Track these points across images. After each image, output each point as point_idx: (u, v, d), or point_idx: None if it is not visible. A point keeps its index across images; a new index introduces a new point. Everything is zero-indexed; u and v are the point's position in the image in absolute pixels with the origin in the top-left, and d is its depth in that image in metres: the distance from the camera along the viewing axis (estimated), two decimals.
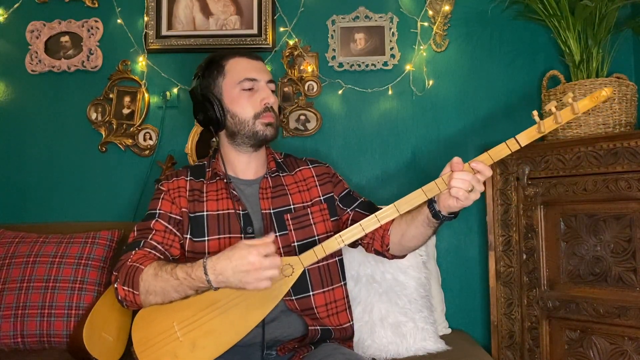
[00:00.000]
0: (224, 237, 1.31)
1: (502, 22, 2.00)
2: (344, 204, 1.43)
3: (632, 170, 1.48)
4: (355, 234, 1.19)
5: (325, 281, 1.35)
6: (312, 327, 1.28)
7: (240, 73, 1.34)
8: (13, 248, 1.70)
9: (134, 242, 1.29)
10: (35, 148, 2.05)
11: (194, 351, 1.15)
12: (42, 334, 1.58)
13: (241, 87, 1.34)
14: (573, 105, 1.07)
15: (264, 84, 1.36)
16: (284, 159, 1.48)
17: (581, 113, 1.09)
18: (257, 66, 1.37)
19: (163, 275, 1.16)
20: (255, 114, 1.33)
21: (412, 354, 1.54)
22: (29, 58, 2.04)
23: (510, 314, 1.73)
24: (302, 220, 1.36)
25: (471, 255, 1.97)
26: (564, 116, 1.09)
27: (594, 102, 1.08)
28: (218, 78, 1.36)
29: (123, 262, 1.24)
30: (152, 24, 2.04)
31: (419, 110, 2.02)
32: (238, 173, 1.40)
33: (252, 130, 1.34)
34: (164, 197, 1.35)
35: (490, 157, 1.14)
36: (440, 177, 1.15)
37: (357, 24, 2.03)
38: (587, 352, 1.56)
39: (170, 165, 1.89)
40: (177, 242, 1.32)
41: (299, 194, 1.40)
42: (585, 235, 1.58)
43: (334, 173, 1.49)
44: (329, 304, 1.34)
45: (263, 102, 1.34)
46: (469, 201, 1.12)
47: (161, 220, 1.32)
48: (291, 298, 1.29)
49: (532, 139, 1.11)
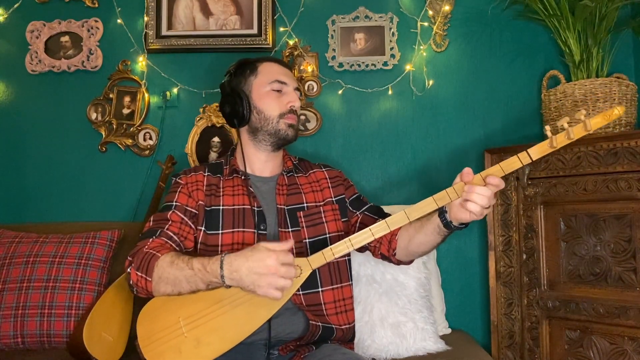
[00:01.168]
0: (238, 231, 1.33)
1: (502, 22, 2.00)
2: (354, 207, 1.46)
3: (632, 170, 1.48)
4: (364, 238, 1.19)
5: (334, 279, 1.37)
6: (314, 322, 1.29)
7: (273, 74, 1.42)
8: (13, 248, 1.70)
9: (150, 230, 1.31)
10: (35, 148, 2.05)
11: (198, 347, 1.15)
12: (42, 334, 1.58)
13: (272, 87, 1.41)
14: (585, 122, 1.10)
15: (292, 89, 1.43)
16: (298, 162, 1.52)
17: (593, 130, 1.11)
18: (287, 73, 1.46)
19: (179, 263, 1.17)
20: (280, 113, 1.40)
21: (412, 354, 1.54)
22: (29, 58, 2.04)
23: (510, 314, 1.73)
24: (314, 218, 1.40)
25: (471, 255, 1.97)
26: (576, 133, 1.11)
27: (606, 120, 1.11)
28: (250, 77, 1.43)
29: (139, 248, 1.25)
30: (152, 24, 2.04)
31: (419, 110, 2.02)
32: (255, 170, 1.44)
33: (275, 128, 1.40)
34: (181, 190, 1.38)
35: (502, 169, 1.14)
36: (452, 186, 1.15)
37: (357, 24, 2.03)
38: (587, 352, 1.56)
39: (170, 165, 1.89)
40: (191, 235, 1.35)
41: (312, 194, 1.44)
42: (585, 235, 1.58)
43: (345, 178, 1.54)
44: (337, 301, 1.36)
45: (289, 104, 1.41)
46: (482, 215, 1.13)
47: (178, 211, 1.34)
48: (298, 293, 1.30)
49: (543, 154, 1.13)
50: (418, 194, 1.99)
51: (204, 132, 1.99)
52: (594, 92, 1.66)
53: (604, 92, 1.65)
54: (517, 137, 1.97)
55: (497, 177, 1.13)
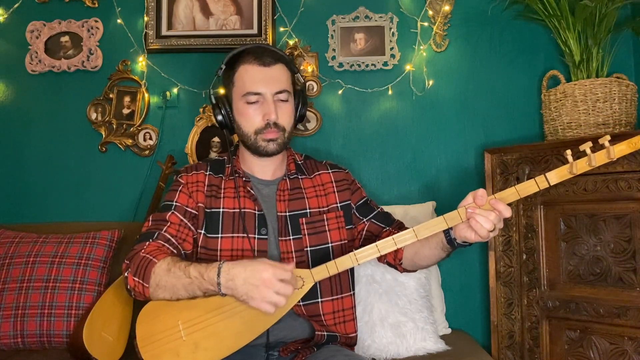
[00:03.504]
0: (237, 237, 1.30)
1: (502, 22, 2.00)
2: (361, 213, 1.42)
3: (632, 170, 1.48)
4: (370, 254, 1.16)
5: (335, 289, 1.34)
6: (319, 332, 1.28)
7: (246, 85, 1.30)
8: (13, 248, 1.70)
9: (148, 232, 1.28)
10: (35, 148, 2.05)
11: (196, 352, 1.15)
12: (42, 334, 1.58)
13: (246, 100, 1.30)
14: (609, 149, 1.03)
15: (270, 97, 1.30)
16: (304, 161, 1.45)
17: (616, 159, 1.03)
18: (266, 75, 1.31)
19: (176, 272, 1.15)
20: (256, 130, 1.31)
21: (412, 354, 1.54)
22: (29, 58, 2.04)
23: (510, 314, 1.73)
24: (317, 225, 1.35)
25: (471, 255, 1.97)
26: (598, 159, 1.04)
27: (631, 149, 1.02)
28: (229, 85, 1.35)
29: (136, 252, 1.23)
30: (152, 24, 2.04)
31: (419, 110, 2.02)
32: (256, 173, 1.39)
33: (253, 144, 1.32)
34: (182, 190, 1.34)
35: (517, 193, 1.09)
36: (464, 206, 1.11)
37: (357, 24, 2.03)
38: (587, 352, 1.56)
39: (170, 165, 1.89)
40: (190, 237, 1.32)
41: (316, 199, 1.38)
42: (585, 235, 1.58)
43: (352, 180, 1.47)
44: (336, 312, 1.33)
45: (265, 118, 1.30)
46: (488, 238, 1.10)
47: (177, 212, 1.31)
48: (299, 304, 1.29)
49: (562, 179, 1.06)
50: (418, 194, 1.99)
51: (204, 132, 1.99)
52: (594, 92, 1.66)
53: (604, 92, 1.65)
54: (517, 137, 1.97)
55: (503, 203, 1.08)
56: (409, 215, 1.78)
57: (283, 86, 1.32)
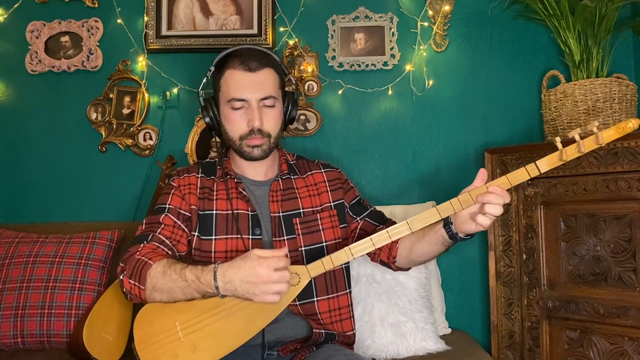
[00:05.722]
0: (232, 238, 1.30)
1: (502, 22, 2.00)
2: (354, 212, 1.42)
3: (632, 170, 1.48)
4: (365, 248, 1.16)
5: (330, 288, 1.34)
6: (317, 330, 1.28)
7: (231, 90, 1.30)
8: (13, 248, 1.70)
9: (142, 234, 1.29)
10: (35, 148, 2.05)
11: (194, 352, 1.15)
12: (42, 334, 1.58)
13: (231, 105, 1.30)
14: (597, 135, 1.04)
15: (255, 103, 1.29)
16: (296, 161, 1.45)
17: (605, 144, 1.05)
18: (251, 81, 1.30)
19: (172, 274, 1.15)
20: (240, 136, 1.31)
21: (412, 354, 1.54)
22: (29, 58, 2.04)
23: (510, 314, 1.73)
24: (310, 225, 1.35)
25: (471, 255, 1.97)
26: (587, 145, 1.06)
27: (619, 133, 1.04)
28: (217, 88, 1.36)
29: (131, 255, 1.23)
30: (152, 24, 2.03)
31: (419, 110, 2.02)
32: (248, 174, 1.39)
33: (239, 150, 1.33)
34: (174, 193, 1.34)
35: (509, 181, 1.11)
36: (457, 197, 1.12)
37: (357, 24, 2.03)
38: (587, 352, 1.56)
39: (170, 165, 1.89)
40: (184, 239, 1.32)
41: (309, 198, 1.38)
42: (585, 235, 1.58)
43: (345, 179, 1.47)
44: (332, 310, 1.33)
45: (249, 125, 1.30)
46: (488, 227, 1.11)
47: (170, 215, 1.31)
48: (295, 303, 1.29)
49: (552, 166, 1.09)
50: (418, 194, 1.99)
51: (204, 132, 1.99)
52: (594, 92, 1.66)
53: (604, 92, 1.65)
54: (517, 137, 1.97)
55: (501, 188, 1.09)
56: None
57: (269, 92, 1.31)
